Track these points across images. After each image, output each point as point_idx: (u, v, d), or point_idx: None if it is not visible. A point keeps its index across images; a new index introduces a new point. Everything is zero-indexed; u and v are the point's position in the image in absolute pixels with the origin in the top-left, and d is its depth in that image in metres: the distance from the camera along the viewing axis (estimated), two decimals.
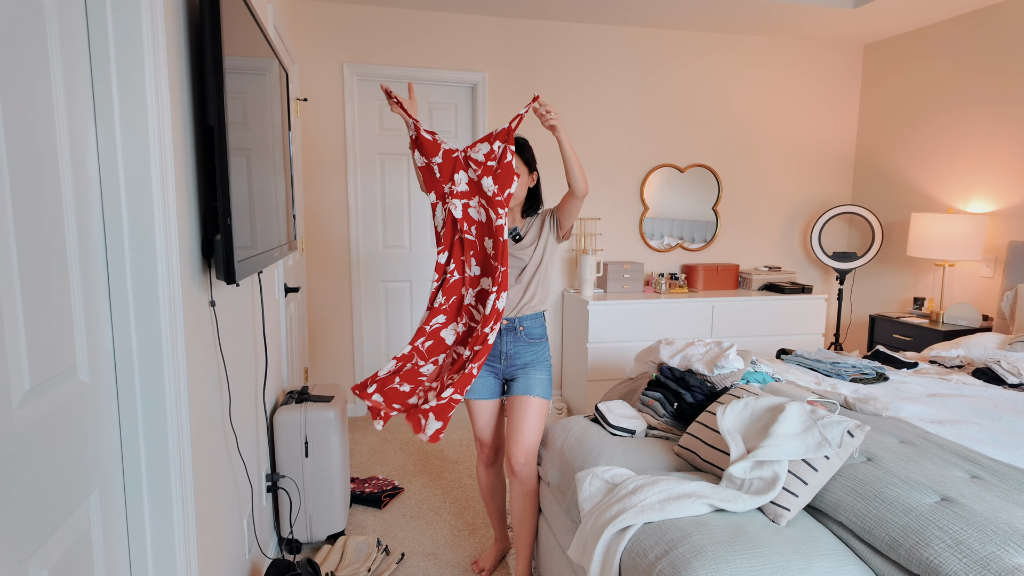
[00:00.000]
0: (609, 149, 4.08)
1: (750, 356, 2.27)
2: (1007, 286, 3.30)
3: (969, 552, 1.17)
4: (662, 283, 3.95)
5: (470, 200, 1.89)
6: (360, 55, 3.67)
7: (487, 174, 1.84)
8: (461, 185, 1.88)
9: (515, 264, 2.02)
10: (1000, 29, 3.44)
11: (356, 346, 3.90)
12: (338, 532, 2.40)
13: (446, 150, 1.89)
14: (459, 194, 1.88)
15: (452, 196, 1.88)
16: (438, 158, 1.89)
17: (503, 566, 2.30)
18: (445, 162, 1.89)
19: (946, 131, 3.78)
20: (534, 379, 2.03)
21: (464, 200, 1.89)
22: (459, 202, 1.88)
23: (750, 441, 1.57)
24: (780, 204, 4.43)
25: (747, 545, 1.30)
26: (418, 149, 1.91)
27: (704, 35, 4.11)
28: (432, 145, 1.89)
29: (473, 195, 1.89)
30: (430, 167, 1.91)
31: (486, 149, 1.84)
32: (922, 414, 1.99)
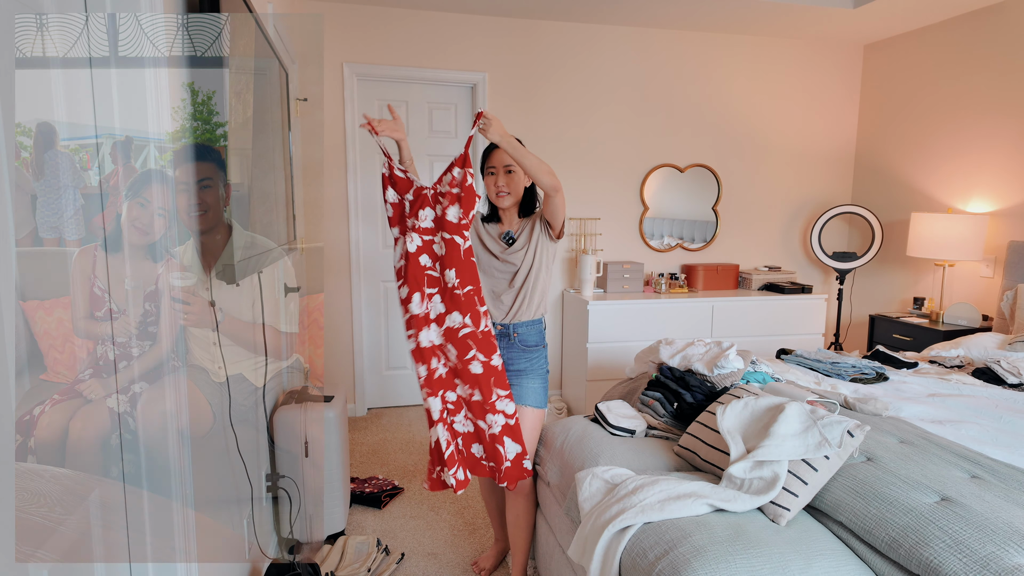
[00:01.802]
0: (609, 149, 4.08)
1: (750, 356, 2.27)
2: (1007, 286, 3.30)
3: (969, 552, 1.17)
4: (662, 283, 3.95)
5: (434, 236, 1.90)
6: (360, 55, 3.67)
7: (453, 202, 1.85)
8: (426, 221, 1.89)
9: (507, 268, 2.00)
10: (1000, 29, 3.44)
11: (356, 346, 3.90)
12: (338, 532, 2.40)
13: (418, 187, 1.90)
14: (422, 230, 1.89)
15: (413, 230, 1.88)
16: (410, 195, 1.91)
17: (503, 566, 2.30)
18: (416, 199, 1.90)
19: (946, 131, 3.78)
20: (527, 388, 2.01)
21: (428, 236, 1.89)
22: (419, 236, 1.88)
23: (750, 441, 1.57)
24: (780, 204, 4.43)
25: (747, 545, 1.30)
26: (391, 186, 1.92)
27: (704, 35, 4.11)
28: (405, 182, 1.91)
29: (437, 231, 1.89)
30: (402, 203, 1.93)
31: (449, 179, 1.85)
32: (922, 414, 1.99)
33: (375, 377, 4.02)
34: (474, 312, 1.87)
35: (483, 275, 2.01)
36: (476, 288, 1.87)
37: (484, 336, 1.89)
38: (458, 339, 1.87)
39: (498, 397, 1.92)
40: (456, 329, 1.87)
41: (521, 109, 3.91)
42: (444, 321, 1.89)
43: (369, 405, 4.05)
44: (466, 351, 1.88)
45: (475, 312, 1.87)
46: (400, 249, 1.93)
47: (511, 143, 1.78)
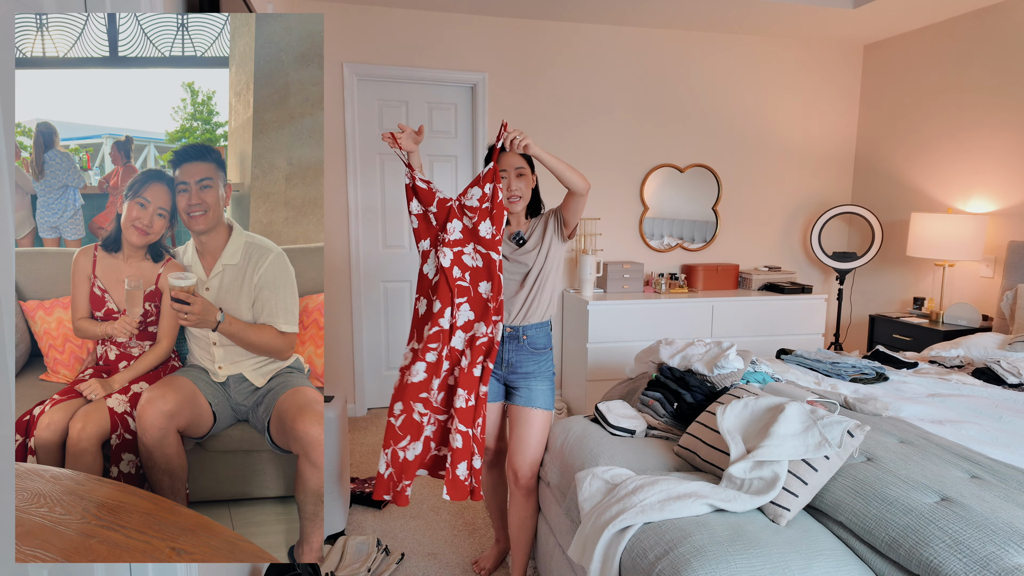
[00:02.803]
0: (609, 149, 4.08)
1: (750, 356, 2.27)
2: (1007, 286, 3.30)
3: (969, 552, 1.17)
4: (662, 283, 3.95)
5: (464, 247, 1.90)
6: (360, 55, 3.67)
7: (484, 217, 1.86)
8: (454, 234, 1.90)
9: (518, 270, 1.99)
10: (1000, 29, 3.44)
11: (356, 346, 3.90)
12: (338, 532, 2.40)
13: (440, 199, 1.91)
14: (451, 243, 1.89)
15: (444, 244, 1.89)
16: (433, 207, 1.91)
17: (503, 566, 2.30)
18: (440, 211, 1.91)
19: (946, 131, 3.79)
20: (536, 390, 2.01)
21: (457, 248, 1.90)
22: (450, 251, 1.89)
23: (750, 441, 1.57)
24: (780, 204, 4.43)
25: (747, 545, 1.30)
26: (416, 197, 1.93)
27: (704, 35, 4.11)
28: (428, 194, 1.91)
29: (468, 242, 1.90)
30: (427, 215, 1.93)
31: (479, 194, 1.85)
32: (922, 414, 1.99)
33: (375, 377, 4.03)
34: (494, 323, 1.90)
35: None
36: (501, 302, 1.91)
37: (490, 341, 1.92)
38: (476, 347, 1.89)
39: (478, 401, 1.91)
40: (478, 337, 1.90)
41: (521, 109, 3.91)
42: (471, 328, 1.91)
43: (369, 405, 4.05)
44: (477, 356, 1.89)
45: (493, 322, 1.91)
46: (432, 263, 1.94)
47: (545, 156, 1.80)
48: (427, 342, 1.91)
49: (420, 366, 1.90)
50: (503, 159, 1.95)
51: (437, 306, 1.90)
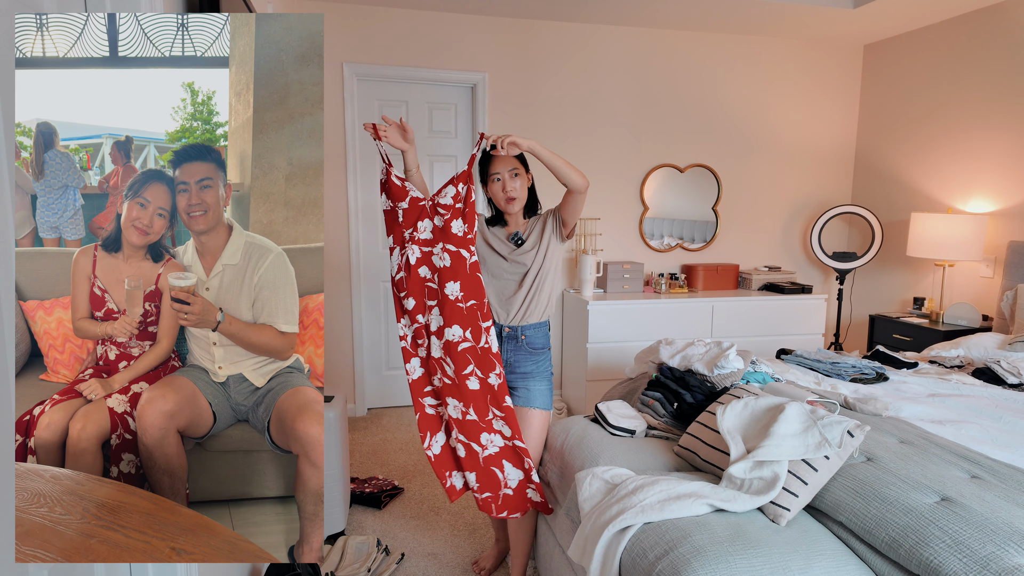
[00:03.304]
0: (609, 149, 4.08)
1: (750, 356, 2.27)
2: (1007, 286, 3.30)
3: (969, 552, 1.17)
4: (662, 283, 3.95)
5: (433, 247, 1.90)
6: (360, 55, 3.67)
7: (456, 216, 1.85)
8: (424, 233, 1.89)
9: (516, 270, 1.99)
10: (1000, 29, 3.44)
11: (356, 346, 3.90)
12: (338, 532, 2.40)
13: (413, 197, 1.89)
14: (421, 241, 1.89)
15: (412, 242, 1.89)
16: (404, 203, 1.89)
17: (503, 566, 2.30)
18: (411, 208, 1.89)
19: (946, 131, 3.79)
20: (535, 390, 2.01)
21: (427, 248, 1.90)
22: (418, 248, 1.89)
23: (750, 441, 1.57)
24: (780, 204, 4.43)
25: (747, 545, 1.30)
26: (386, 192, 1.92)
27: (704, 35, 4.11)
28: (400, 190, 1.89)
29: (437, 242, 1.89)
30: (395, 211, 1.92)
31: (452, 192, 1.85)
32: (922, 414, 1.99)
33: (375, 377, 4.03)
34: (475, 327, 1.88)
35: (491, 278, 2.00)
36: (480, 303, 1.88)
37: (483, 352, 1.89)
38: (457, 353, 1.88)
39: (494, 416, 1.92)
40: (456, 343, 1.88)
41: (521, 109, 3.91)
42: (444, 334, 1.90)
43: (369, 405, 4.05)
44: (464, 365, 1.88)
45: (476, 327, 1.88)
46: (398, 260, 1.94)
47: (541, 150, 1.79)
48: (415, 337, 1.95)
49: (415, 362, 1.96)
50: (496, 163, 1.94)
51: (411, 303, 1.92)
